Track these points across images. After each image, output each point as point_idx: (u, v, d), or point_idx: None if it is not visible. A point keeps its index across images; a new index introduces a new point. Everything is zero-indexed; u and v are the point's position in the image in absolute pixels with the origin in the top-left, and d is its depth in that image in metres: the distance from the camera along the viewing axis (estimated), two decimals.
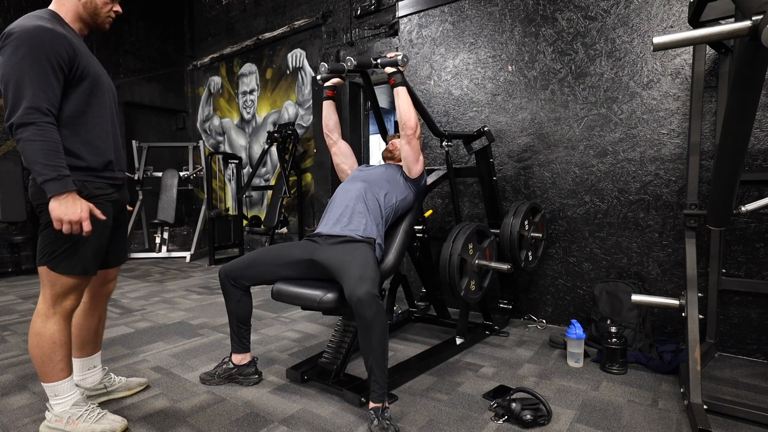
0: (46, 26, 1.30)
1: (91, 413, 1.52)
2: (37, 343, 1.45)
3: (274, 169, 5.35)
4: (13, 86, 1.26)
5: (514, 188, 2.94)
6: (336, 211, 1.99)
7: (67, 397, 1.50)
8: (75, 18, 1.45)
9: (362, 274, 1.61)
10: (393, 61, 1.97)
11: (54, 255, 1.42)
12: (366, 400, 1.70)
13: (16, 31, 1.28)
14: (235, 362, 1.93)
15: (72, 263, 1.43)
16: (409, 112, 1.99)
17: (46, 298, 1.46)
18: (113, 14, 1.51)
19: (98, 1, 1.45)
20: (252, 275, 1.86)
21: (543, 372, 2.09)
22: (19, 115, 1.26)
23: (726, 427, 1.59)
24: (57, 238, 1.40)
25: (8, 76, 1.27)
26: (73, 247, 1.43)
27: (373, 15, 4.20)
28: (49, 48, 1.29)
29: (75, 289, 1.48)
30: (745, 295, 2.22)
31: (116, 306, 3.30)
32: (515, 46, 2.88)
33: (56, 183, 1.29)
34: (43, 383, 1.49)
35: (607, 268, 2.61)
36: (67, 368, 1.50)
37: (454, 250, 2.08)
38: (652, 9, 2.42)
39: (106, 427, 1.51)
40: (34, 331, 1.46)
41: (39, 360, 1.46)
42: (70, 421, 1.49)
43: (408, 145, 2.03)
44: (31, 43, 1.26)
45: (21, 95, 1.26)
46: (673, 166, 2.40)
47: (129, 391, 1.84)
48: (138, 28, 6.03)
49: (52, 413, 1.51)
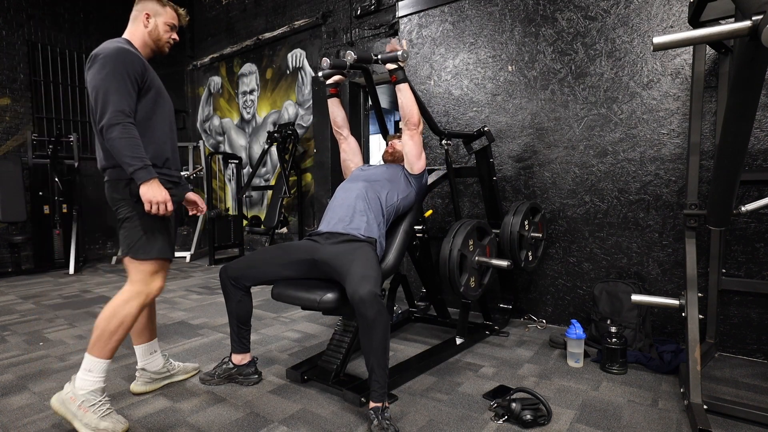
0: (125, 47, 1.61)
1: (101, 406, 1.58)
2: (108, 317, 1.61)
3: (274, 169, 5.35)
4: (102, 95, 1.52)
5: (514, 188, 2.94)
6: (337, 210, 1.99)
7: (97, 378, 1.60)
8: (142, 44, 1.74)
9: (364, 274, 1.61)
10: (393, 56, 1.97)
11: (132, 245, 1.65)
12: (366, 400, 1.69)
13: (102, 52, 1.57)
14: (235, 362, 1.93)
15: (148, 249, 1.66)
16: (412, 107, 2.00)
17: (133, 282, 1.67)
18: (171, 41, 1.81)
19: (160, 31, 1.76)
20: (252, 275, 1.86)
21: (543, 372, 2.09)
22: (108, 117, 1.51)
23: (726, 427, 1.59)
24: (132, 230, 1.64)
25: (98, 87, 1.54)
26: (146, 236, 1.65)
27: (373, 15, 4.20)
28: (128, 64, 1.57)
29: (157, 273, 1.70)
30: (745, 295, 2.22)
31: None
32: (515, 46, 2.88)
33: (143, 171, 1.53)
34: (88, 354, 1.60)
35: (607, 268, 2.61)
36: (113, 352, 1.63)
37: (454, 245, 2.08)
38: (652, 9, 2.42)
39: (108, 426, 1.54)
40: (112, 305, 1.63)
41: (100, 332, 1.60)
42: (82, 405, 1.55)
43: (411, 141, 2.04)
44: (114, 60, 1.55)
45: (108, 102, 1.52)
46: (673, 166, 2.40)
47: (186, 374, 2.01)
48: None
49: (71, 388, 1.58)
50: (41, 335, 2.62)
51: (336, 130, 2.33)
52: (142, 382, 1.88)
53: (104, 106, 1.52)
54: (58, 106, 5.34)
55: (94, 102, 1.55)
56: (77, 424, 1.53)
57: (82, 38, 5.51)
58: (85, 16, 5.53)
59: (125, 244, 1.66)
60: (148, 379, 1.89)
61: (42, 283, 4.18)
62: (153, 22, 1.73)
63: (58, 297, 3.60)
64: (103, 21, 5.68)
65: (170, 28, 1.78)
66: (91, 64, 1.58)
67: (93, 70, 1.56)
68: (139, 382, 1.88)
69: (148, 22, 1.73)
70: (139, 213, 1.64)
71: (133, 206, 1.64)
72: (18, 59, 4.99)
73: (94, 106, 1.55)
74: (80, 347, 2.42)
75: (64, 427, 1.60)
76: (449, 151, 2.51)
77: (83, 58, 5.54)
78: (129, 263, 1.68)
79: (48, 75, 5.26)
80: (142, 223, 1.65)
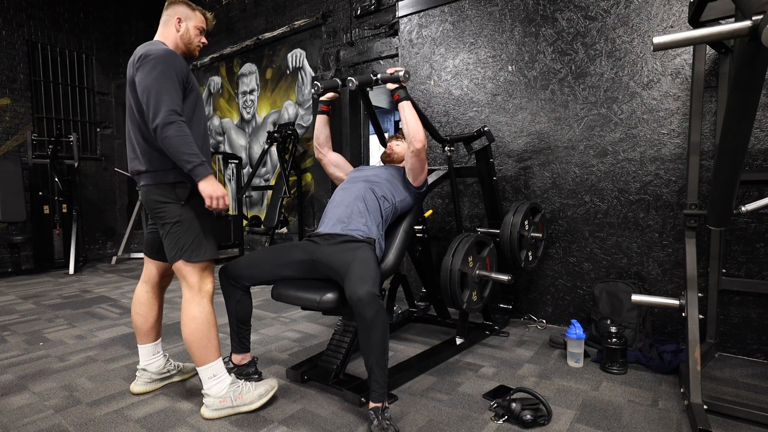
0: (171, 50, 1.64)
1: (245, 384, 1.70)
2: (196, 327, 1.65)
3: (274, 169, 5.35)
4: (155, 95, 1.53)
5: (514, 188, 2.94)
6: (336, 211, 1.99)
7: (223, 376, 1.68)
8: (174, 48, 1.74)
9: (363, 274, 1.61)
10: (395, 77, 1.94)
11: (186, 248, 1.65)
12: (366, 400, 1.70)
13: (152, 53, 1.58)
14: (235, 362, 1.93)
15: (201, 250, 1.68)
16: (416, 126, 1.97)
17: (190, 286, 1.69)
18: (201, 44, 1.82)
19: (192, 35, 1.78)
20: (252, 275, 1.86)
21: (543, 372, 2.09)
22: (162, 116, 1.52)
23: (726, 427, 1.59)
24: (184, 234, 1.64)
25: (149, 88, 1.54)
26: (199, 238, 1.67)
27: (373, 15, 4.20)
28: (176, 66, 1.60)
29: (208, 272, 1.73)
30: (745, 295, 2.22)
31: (116, 306, 3.30)
32: (515, 46, 2.88)
33: (202, 167, 1.57)
34: (201, 367, 1.66)
35: (607, 268, 2.61)
36: (218, 349, 1.69)
37: (454, 264, 2.07)
38: (652, 9, 2.42)
39: (266, 387, 1.73)
40: (189, 316, 1.66)
41: (198, 342, 1.65)
42: (236, 396, 1.66)
43: (416, 158, 2.01)
44: (164, 62, 1.57)
45: (161, 101, 1.53)
46: (673, 166, 2.40)
47: (185, 375, 2.02)
48: (138, 28, 6.03)
49: (212, 397, 1.65)
50: (41, 335, 2.62)
51: (316, 147, 2.31)
52: (143, 382, 1.88)
53: (157, 105, 1.53)
54: (58, 106, 5.35)
55: (146, 102, 1.55)
56: (245, 409, 1.67)
57: (82, 38, 5.51)
58: (85, 16, 5.53)
59: (176, 247, 1.65)
60: (149, 379, 1.89)
61: (42, 283, 4.18)
62: (185, 26, 1.75)
63: (58, 297, 3.60)
64: (103, 21, 5.68)
65: (200, 32, 1.80)
66: (140, 64, 1.58)
67: (143, 72, 1.57)
68: (139, 382, 1.88)
69: (180, 26, 1.74)
70: (189, 216, 1.65)
71: (182, 209, 1.64)
72: (18, 59, 4.99)
73: (146, 106, 1.55)
74: (80, 347, 2.42)
75: (64, 428, 1.60)
76: (452, 157, 2.51)
77: (83, 58, 5.55)
78: (182, 267, 1.67)
79: (48, 75, 5.26)
80: (193, 225, 1.66)
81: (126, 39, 5.90)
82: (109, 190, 5.76)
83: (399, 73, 1.93)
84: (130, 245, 5.60)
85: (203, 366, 1.66)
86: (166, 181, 1.64)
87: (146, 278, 1.90)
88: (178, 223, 1.64)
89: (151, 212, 1.70)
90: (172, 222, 1.64)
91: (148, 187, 1.66)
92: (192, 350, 1.66)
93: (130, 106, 1.67)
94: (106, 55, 5.71)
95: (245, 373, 1.93)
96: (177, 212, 1.64)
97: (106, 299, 3.50)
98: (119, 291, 3.79)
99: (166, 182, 1.64)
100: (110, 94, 5.77)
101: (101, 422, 1.64)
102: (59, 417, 1.67)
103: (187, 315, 1.67)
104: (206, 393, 1.66)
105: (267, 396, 1.73)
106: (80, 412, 1.71)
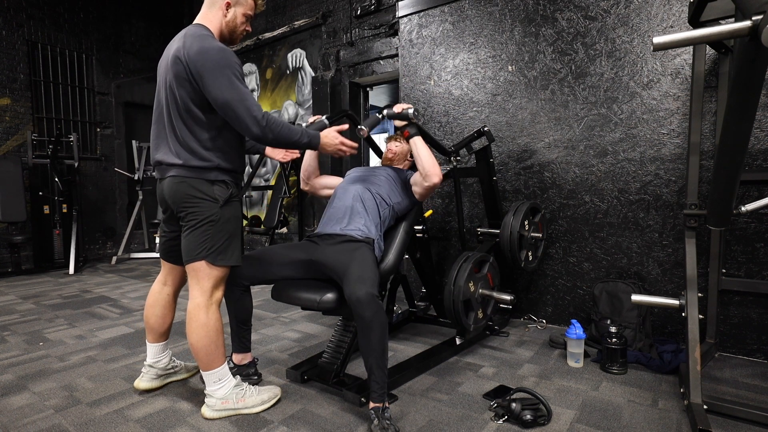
0: (224, 46, 1.54)
1: (249, 388, 1.70)
2: (205, 334, 1.60)
3: (274, 169, 5.35)
4: (239, 104, 1.50)
5: (514, 188, 2.94)
6: (335, 212, 1.99)
7: (227, 379, 1.67)
8: (218, 33, 1.64)
9: (361, 275, 1.61)
10: (404, 114, 1.93)
11: (212, 250, 1.58)
12: (366, 400, 1.70)
13: (209, 50, 1.49)
14: (236, 362, 1.93)
15: (228, 255, 1.62)
16: (430, 161, 1.93)
17: (204, 290, 1.61)
18: (245, 32, 1.73)
19: (238, 21, 1.67)
20: (252, 275, 1.85)
21: (543, 372, 2.09)
22: (258, 120, 1.52)
23: (726, 427, 1.59)
24: (216, 234, 1.58)
25: (228, 102, 1.49)
26: (228, 241, 1.62)
27: (373, 15, 4.21)
28: (234, 66, 1.53)
29: (224, 279, 1.68)
30: (745, 295, 2.22)
31: (116, 306, 3.30)
32: (515, 46, 2.88)
33: (314, 138, 1.65)
34: (207, 372, 1.64)
35: (607, 268, 2.61)
36: (224, 354, 1.68)
37: (456, 295, 2.05)
38: (652, 9, 2.41)
39: (270, 395, 1.72)
40: (199, 323, 1.60)
41: (206, 349, 1.61)
42: (238, 399, 1.65)
43: (430, 185, 1.98)
44: (228, 66, 1.50)
45: (247, 108, 1.51)
46: (673, 166, 2.40)
47: (187, 374, 2.01)
48: (138, 28, 6.03)
49: (215, 398, 1.64)
50: (41, 335, 2.62)
51: (303, 179, 2.28)
52: (149, 378, 1.87)
53: (247, 113, 1.50)
54: (58, 106, 5.34)
55: (233, 117, 1.51)
56: (246, 411, 1.66)
57: (82, 38, 5.51)
58: (85, 16, 5.53)
59: (203, 246, 1.57)
60: (155, 375, 1.88)
61: (42, 283, 4.18)
62: (233, 12, 1.63)
63: (58, 297, 3.60)
64: (103, 21, 5.68)
65: (246, 19, 1.69)
66: (202, 61, 1.48)
67: (211, 78, 1.48)
68: (145, 378, 1.87)
69: (228, 12, 1.62)
70: (225, 217, 1.59)
71: (219, 209, 1.58)
72: (18, 59, 4.99)
73: (235, 120, 1.52)
74: (80, 347, 2.42)
75: (64, 428, 1.60)
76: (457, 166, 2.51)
77: (83, 58, 5.55)
78: (202, 268, 1.59)
79: (48, 75, 5.25)
80: (226, 228, 1.59)
81: (126, 39, 5.90)
82: (109, 190, 5.76)
83: (408, 110, 1.92)
84: (130, 245, 5.60)
85: (210, 371, 1.64)
86: (203, 177, 1.56)
87: (166, 281, 1.86)
88: (212, 223, 1.57)
89: (176, 205, 1.59)
90: (203, 220, 1.56)
91: (180, 178, 1.56)
92: (199, 356, 1.62)
93: (173, 96, 1.55)
94: (106, 55, 5.71)
95: (245, 374, 1.93)
96: (211, 211, 1.57)
97: (106, 299, 3.50)
98: (119, 291, 3.79)
99: (205, 178, 1.56)
100: (110, 94, 5.77)
101: (101, 422, 1.64)
102: (59, 417, 1.67)
103: (197, 321, 1.60)
104: (209, 394, 1.66)
105: (270, 402, 1.72)
106: (80, 412, 1.71)
